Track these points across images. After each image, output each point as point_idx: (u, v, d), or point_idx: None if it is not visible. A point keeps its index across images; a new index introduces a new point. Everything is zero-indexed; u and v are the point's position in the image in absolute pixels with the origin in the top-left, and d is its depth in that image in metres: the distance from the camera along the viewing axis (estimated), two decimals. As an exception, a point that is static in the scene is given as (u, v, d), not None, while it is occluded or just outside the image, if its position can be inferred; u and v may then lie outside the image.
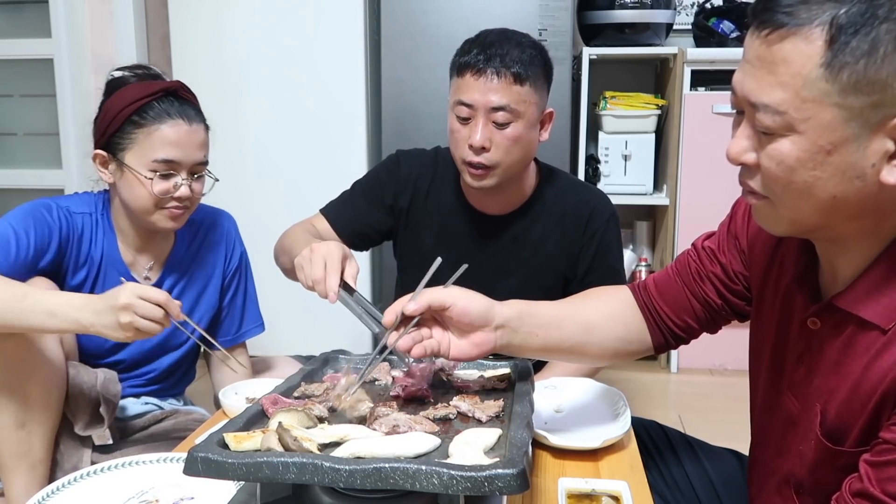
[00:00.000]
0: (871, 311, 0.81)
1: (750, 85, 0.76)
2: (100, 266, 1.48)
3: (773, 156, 0.76)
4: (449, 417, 0.97)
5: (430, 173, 1.62)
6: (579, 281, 1.57)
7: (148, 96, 1.39)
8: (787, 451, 0.96)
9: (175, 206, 1.42)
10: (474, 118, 1.42)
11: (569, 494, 0.99)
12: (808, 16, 0.71)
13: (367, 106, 2.84)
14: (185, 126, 1.40)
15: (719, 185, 2.90)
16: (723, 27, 2.94)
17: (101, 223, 1.49)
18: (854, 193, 0.75)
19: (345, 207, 1.65)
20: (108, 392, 1.40)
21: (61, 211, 1.43)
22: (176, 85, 1.44)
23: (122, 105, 1.39)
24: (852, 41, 0.69)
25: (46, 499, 0.98)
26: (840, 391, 0.85)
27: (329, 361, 1.21)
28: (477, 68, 1.40)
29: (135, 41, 3.19)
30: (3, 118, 3.49)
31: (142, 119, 1.39)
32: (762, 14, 0.75)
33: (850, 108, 0.71)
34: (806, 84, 0.72)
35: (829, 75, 0.70)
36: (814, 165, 0.74)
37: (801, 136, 0.74)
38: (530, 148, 1.48)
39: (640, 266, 3.23)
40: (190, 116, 1.42)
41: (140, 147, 1.39)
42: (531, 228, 1.57)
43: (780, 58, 0.73)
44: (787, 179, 0.77)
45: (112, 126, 1.40)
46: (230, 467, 0.77)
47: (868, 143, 0.72)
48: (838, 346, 0.86)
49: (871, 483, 0.78)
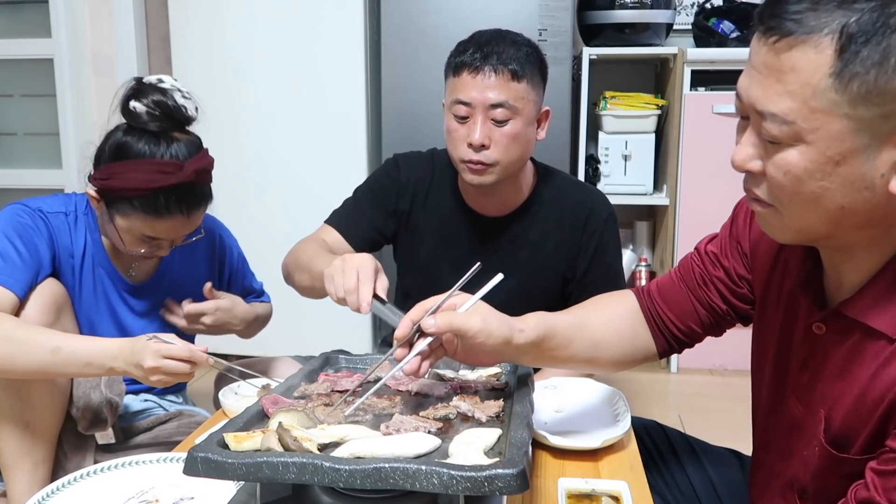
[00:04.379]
0: (879, 319, 0.80)
1: (756, 93, 0.75)
2: (82, 265, 1.45)
3: (781, 165, 0.75)
4: (449, 417, 0.97)
5: (429, 176, 1.62)
6: (578, 281, 1.57)
7: (156, 189, 1.31)
8: (791, 456, 0.95)
9: (154, 254, 1.43)
10: (473, 116, 1.42)
11: (569, 494, 0.99)
12: (816, 24, 0.69)
13: (367, 107, 2.84)
14: (182, 219, 1.36)
15: (719, 185, 2.90)
16: (723, 27, 2.94)
17: (80, 221, 1.45)
18: (863, 204, 0.74)
19: (352, 216, 1.63)
20: (113, 391, 1.40)
21: (35, 214, 1.39)
22: (191, 177, 1.33)
23: (126, 185, 1.32)
24: (863, 51, 0.68)
25: (47, 498, 0.98)
26: (846, 398, 0.84)
27: (329, 361, 1.22)
28: (474, 66, 1.41)
29: (135, 41, 3.19)
30: (3, 118, 3.49)
31: (142, 206, 1.33)
32: (769, 20, 0.73)
33: (859, 119, 0.70)
34: (815, 94, 0.70)
35: (838, 85, 0.69)
36: (822, 176, 0.73)
37: (809, 146, 0.72)
38: (528, 146, 1.48)
39: (640, 266, 3.23)
40: (191, 206, 1.36)
41: (132, 223, 1.35)
42: (529, 229, 1.57)
43: (788, 66, 0.71)
44: (795, 190, 0.75)
45: (111, 193, 1.35)
46: (230, 467, 0.77)
47: (878, 153, 0.71)
48: (844, 352, 0.85)
49: (878, 492, 0.77)
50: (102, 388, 1.40)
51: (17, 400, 1.31)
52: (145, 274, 1.53)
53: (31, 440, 1.34)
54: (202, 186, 1.38)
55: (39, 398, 1.33)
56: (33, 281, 1.33)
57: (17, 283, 1.29)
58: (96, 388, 1.39)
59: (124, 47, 3.20)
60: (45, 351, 1.22)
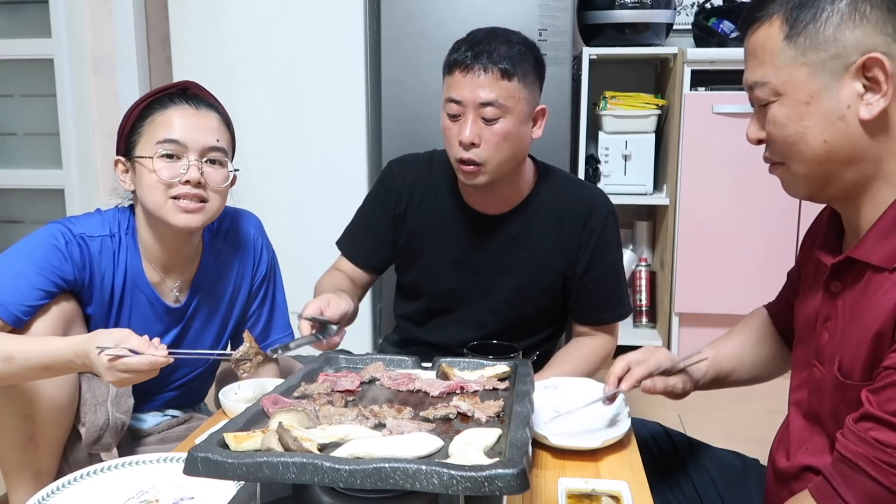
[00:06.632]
0: (878, 255, 0.90)
1: (746, 74, 0.96)
2: (123, 290, 1.41)
3: (771, 121, 0.93)
4: (449, 417, 0.97)
5: (425, 177, 1.63)
6: (578, 279, 1.58)
7: (158, 92, 1.37)
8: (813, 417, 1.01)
9: (187, 193, 1.32)
10: (464, 115, 1.43)
11: (569, 494, 0.99)
12: (771, 9, 0.92)
13: (367, 106, 2.84)
14: (191, 110, 1.36)
15: (719, 185, 2.91)
16: (723, 27, 2.94)
17: (123, 243, 1.41)
18: (841, 135, 0.89)
19: (357, 239, 1.69)
20: (119, 409, 1.36)
21: (74, 241, 1.34)
22: (186, 83, 1.41)
23: (133, 108, 1.38)
24: (801, 14, 0.89)
25: (46, 499, 0.98)
26: (853, 336, 0.91)
27: (329, 361, 1.21)
28: (465, 65, 1.42)
29: (135, 41, 3.19)
30: (3, 118, 3.49)
31: (148, 111, 1.36)
32: (744, 22, 0.97)
33: (814, 64, 0.89)
34: (777, 55, 0.91)
35: (791, 44, 0.90)
36: (800, 117, 0.90)
37: (784, 96, 0.91)
38: (521, 144, 1.49)
39: (640, 266, 3.23)
40: (198, 104, 1.38)
41: (147, 136, 1.35)
42: (529, 227, 1.57)
43: (758, 45, 0.93)
44: (784, 135, 0.93)
45: (126, 127, 1.38)
46: (230, 467, 0.77)
47: (839, 89, 0.88)
48: (855, 297, 0.93)
49: (873, 405, 0.84)
50: (109, 406, 1.36)
51: (20, 416, 1.28)
52: (182, 292, 1.48)
53: (34, 453, 1.32)
54: (207, 97, 1.42)
55: (43, 414, 1.30)
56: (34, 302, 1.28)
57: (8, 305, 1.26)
58: (102, 405, 1.36)
59: (124, 47, 3.20)
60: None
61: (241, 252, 1.54)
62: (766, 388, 1.33)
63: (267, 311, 1.59)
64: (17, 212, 3.55)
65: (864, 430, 0.84)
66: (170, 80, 2.99)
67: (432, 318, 1.66)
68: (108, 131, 3.26)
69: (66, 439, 1.37)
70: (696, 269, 2.89)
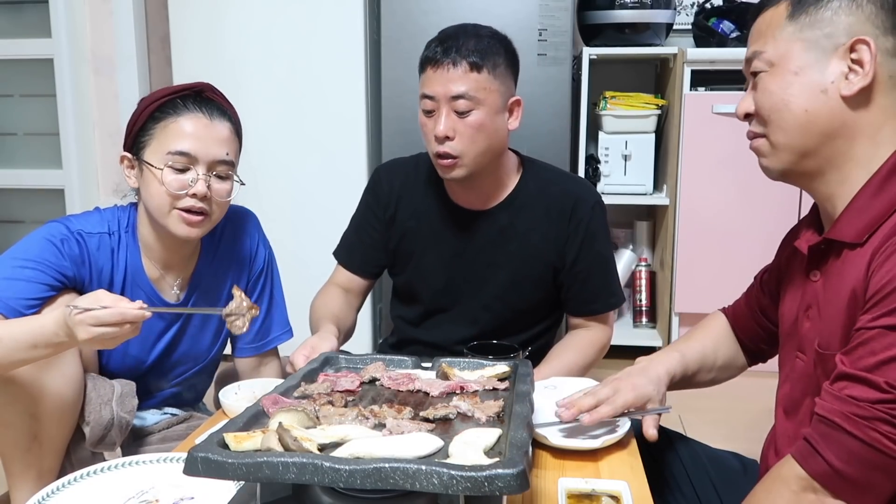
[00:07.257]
0: (851, 232, 0.96)
1: (748, 50, 1.05)
2: (123, 287, 1.41)
3: (762, 89, 1.01)
4: (449, 417, 0.97)
5: (412, 179, 1.65)
6: (568, 270, 1.58)
7: (171, 94, 1.36)
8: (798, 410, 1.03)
9: (192, 206, 1.33)
10: (437, 109, 1.46)
11: (569, 494, 0.99)
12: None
13: (367, 106, 2.84)
14: (205, 119, 1.36)
15: (719, 184, 2.91)
16: (723, 27, 2.94)
17: (123, 240, 1.42)
18: (822, 106, 0.97)
19: (353, 248, 1.71)
20: (124, 408, 1.36)
21: (71, 238, 1.35)
22: (202, 85, 1.40)
23: (145, 104, 1.37)
24: None
25: (46, 499, 0.98)
26: (830, 311, 0.96)
27: (329, 361, 1.22)
28: (435, 60, 1.45)
29: (135, 41, 3.19)
30: (3, 118, 3.49)
31: (161, 114, 1.35)
32: (755, 10, 1.06)
33: (808, 40, 0.97)
34: (779, 30, 1.00)
35: (792, 22, 0.99)
36: (787, 85, 0.98)
37: (776, 67, 1.00)
38: (497, 136, 1.50)
39: (639, 266, 3.23)
40: (212, 112, 1.37)
41: (157, 141, 1.35)
42: (517, 221, 1.58)
43: (765, 24, 1.02)
44: (770, 103, 1.00)
45: (136, 125, 1.37)
46: (230, 467, 0.77)
47: (827, 65, 0.96)
48: (833, 280, 0.98)
49: (846, 365, 0.87)
50: (114, 405, 1.36)
51: (25, 414, 1.28)
52: (182, 289, 1.48)
53: (38, 452, 1.31)
54: (221, 104, 1.41)
55: (49, 413, 1.29)
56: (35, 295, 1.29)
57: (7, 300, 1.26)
58: (107, 405, 1.35)
59: (124, 47, 3.20)
60: None
61: (238, 249, 1.55)
62: (766, 389, 1.33)
63: (265, 307, 1.59)
64: (17, 212, 3.55)
65: (839, 389, 0.87)
66: (170, 80, 2.99)
67: (428, 317, 1.67)
68: (108, 131, 3.26)
69: (69, 439, 1.37)
70: (696, 269, 2.88)
